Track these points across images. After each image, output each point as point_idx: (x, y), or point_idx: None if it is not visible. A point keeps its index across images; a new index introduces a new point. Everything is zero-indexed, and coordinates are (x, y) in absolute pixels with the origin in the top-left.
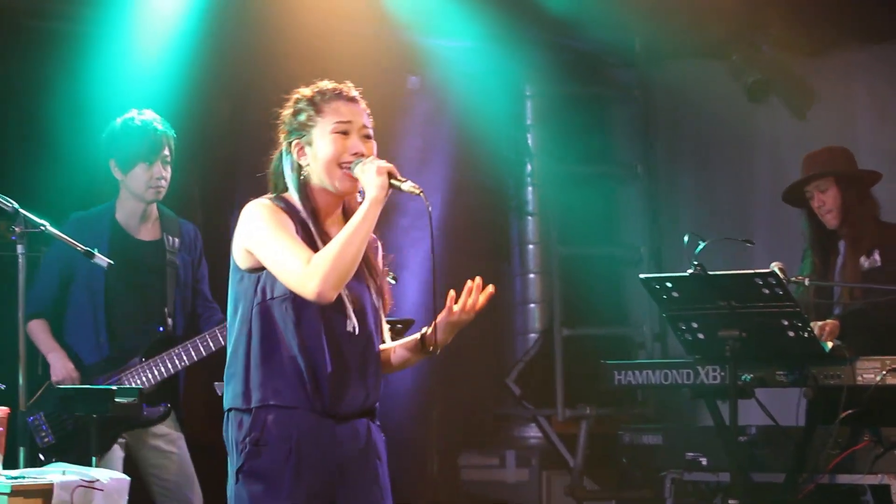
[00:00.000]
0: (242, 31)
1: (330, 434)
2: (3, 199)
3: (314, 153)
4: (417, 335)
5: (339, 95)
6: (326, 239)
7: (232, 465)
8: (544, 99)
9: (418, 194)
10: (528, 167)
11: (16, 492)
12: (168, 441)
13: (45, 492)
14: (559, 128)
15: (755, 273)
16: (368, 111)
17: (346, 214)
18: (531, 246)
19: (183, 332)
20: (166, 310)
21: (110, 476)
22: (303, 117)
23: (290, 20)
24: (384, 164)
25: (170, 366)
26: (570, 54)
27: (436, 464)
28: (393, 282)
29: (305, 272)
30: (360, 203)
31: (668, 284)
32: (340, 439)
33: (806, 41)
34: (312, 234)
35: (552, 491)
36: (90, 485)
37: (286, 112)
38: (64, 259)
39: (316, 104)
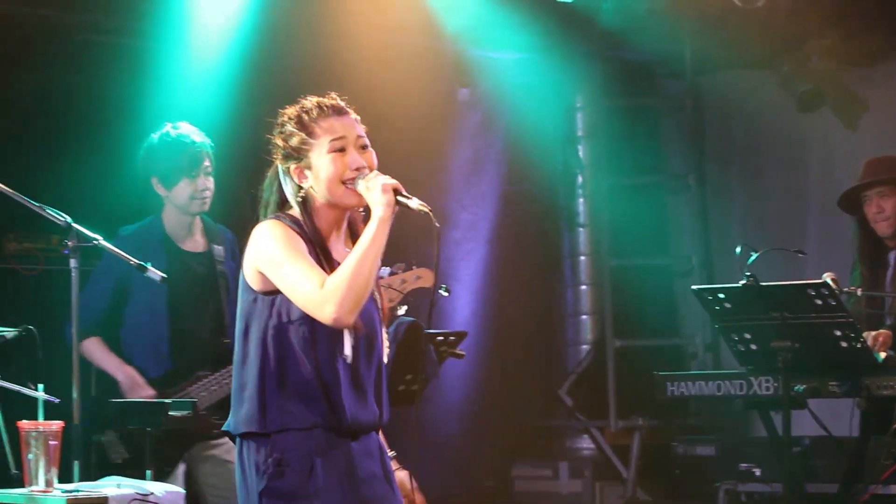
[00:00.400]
0: (294, 43)
1: (347, 452)
2: (56, 213)
3: (315, 175)
4: None
5: (326, 112)
6: (334, 259)
7: (252, 488)
8: (595, 110)
9: (427, 213)
10: (580, 178)
11: None
12: (226, 451)
13: None
14: (610, 139)
15: (807, 283)
16: (358, 118)
17: (351, 226)
18: (583, 257)
19: None
20: (226, 321)
21: (165, 489)
22: (295, 141)
23: (342, 33)
24: (389, 180)
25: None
26: (621, 65)
27: (489, 475)
28: (446, 294)
29: (321, 297)
30: (364, 214)
31: (721, 295)
32: (358, 456)
33: (856, 51)
34: (320, 253)
35: (605, 502)
36: (145, 498)
37: (277, 139)
38: (117, 274)
39: (306, 126)
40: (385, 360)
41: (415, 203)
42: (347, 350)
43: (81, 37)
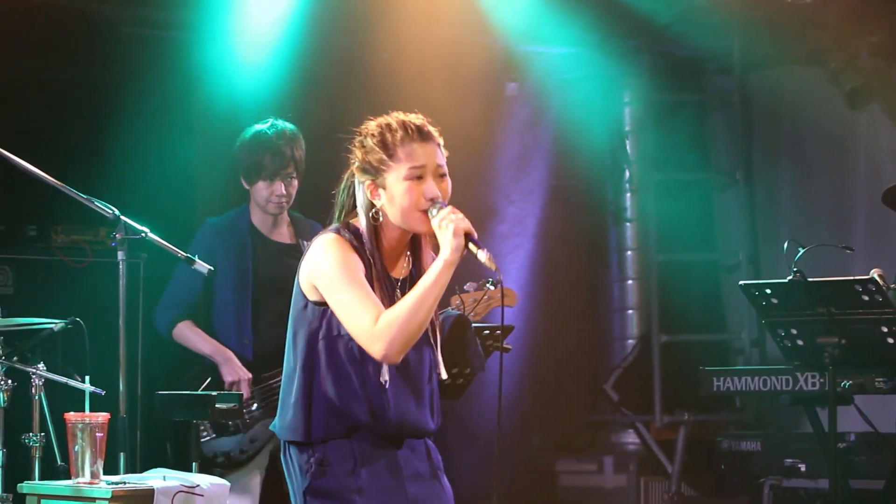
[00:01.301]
0: (343, 37)
1: (393, 457)
2: (104, 205)
3: (389, 196)
4: None
5: (411, 136)
6: (392, 277)
7: (297, 489)
8: (643, 105)
9: (494, 269)
10: (627, 173)
11: (116, 497)
12: None
13: (146, 497)
14: (658, 134)
15: (855, 279)
16: (441, 142)
17: (414, 244)
18: (629, 252)
19: None
20: None
21: (211, 481)
22: (375, 159)
23: (391, 27)
24: (462, 223)
25: None
26: (669, 61)
27: (534, 470)
28: (493, 288)
29: (373, 333)
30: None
31: (768, 291)
32: (403, 456)
33: None
34: (378, 272)
35: (650, 497)
36: (191, 490)
37: (357, 150)
38: (207, 258)
39: (387, 146)
40: (443, 374)
41: (483, 256)
42: (385, 376)
43: (129, 30)
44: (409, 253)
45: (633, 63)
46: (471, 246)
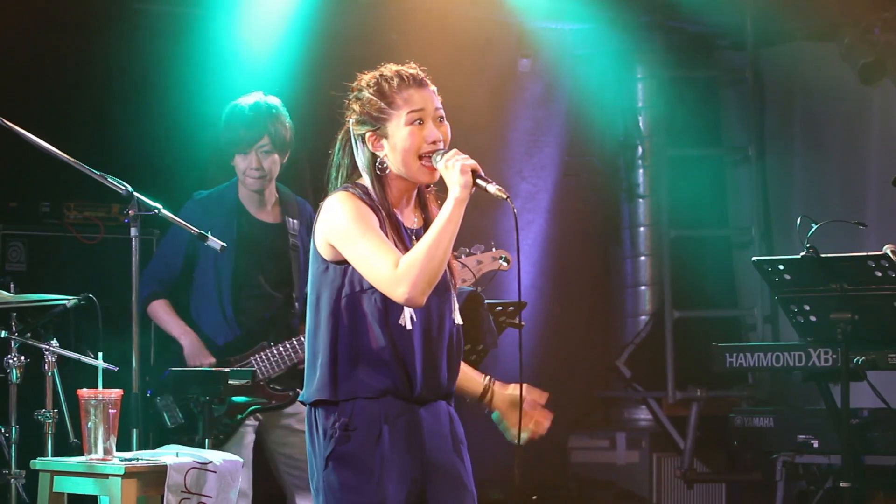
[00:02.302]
0: (353, 13)
1: (416, 418)
2: (117, 181)
3: (391, 145)
4: (482, 383)
5: (407, 82)
6: (406, 228)
7: (320, 453)
8: (656, 81)
9: (505, 199)
10: (640, 149)
11: (129, 473)
12: (299, 420)
13: (159, 473)
14: (670, 110)
15: (867, 255)
16: (435, 89)
17: (420, 198)
18: (642, 228)
19: None
20: (294, 294)
21: (223, 458)
22: (374, 109)
23: (402, 3)
24: (468, 161)
25: (298, 349)
26: (682, 36)
27: (545, 445)
28: (506, 264)
29: (394, 277)
30: (431, 189)
31: (781, 267)
32: (425, 422)
33: None
34: (391, 225)
35: (662, 473)
36: (203, 466)
37: (353, 104)
38: (188, 237)
39: (385, 95)
40: (458, 320)
41: (493, 188)
42: (407, 320)
43: (139, 6)
44: (417, 208)
45: (646, 39)
46: (479, 181)
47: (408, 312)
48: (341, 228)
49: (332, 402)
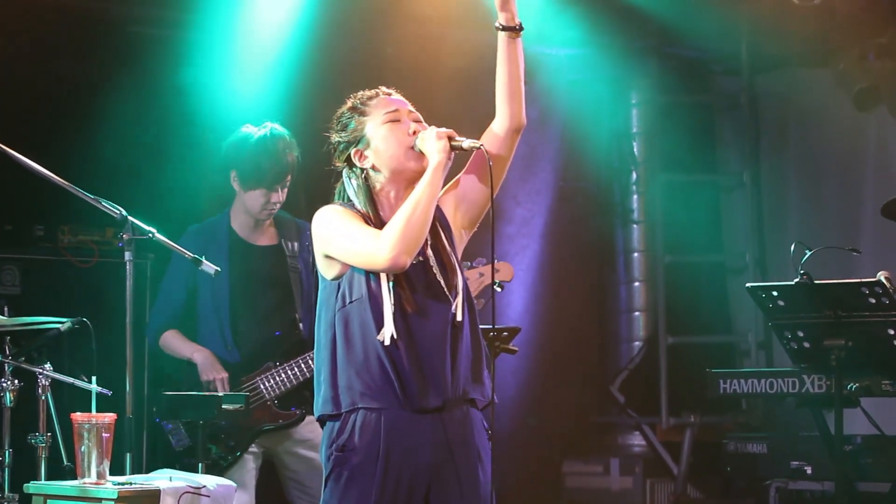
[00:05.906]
0: (347, 39)
1: (419, 431)
2: (111, 205)
3: (376, 148)
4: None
5: (376, 94)
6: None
7: (323, 474)
8: (650, 107)
9: (479, 147)
10: (634, 175)
11: (123, 497)
12: (309, 447)
13: (152, 497)
14: (665, 136)
15: (861, 282)
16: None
17: None
18: (636, 254)
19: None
20: (297, 315)
21: (217, 482)
22: (352, 126)
23: (396, 27)
24: (442, 129)
25: (304, 369)
26: (677, 62)
27: (539, 471)
28: (499, 289)
29: (377, 244)
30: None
31: (775, 293)
32: (431, 433)
33: None
34: (376, 224)
35: (656, 499)
36: (197, 491)
37: (334, 134)
38: (188, 266)
39: (359, 109)
40: (458, 317)
41: (467, 143)
42: (386, 336)
43: (135, 29)
44: None
45: (641, 64)
46: (454, 143)
47: (388, 329)
48: (325, 232)
49: (335, 415)
